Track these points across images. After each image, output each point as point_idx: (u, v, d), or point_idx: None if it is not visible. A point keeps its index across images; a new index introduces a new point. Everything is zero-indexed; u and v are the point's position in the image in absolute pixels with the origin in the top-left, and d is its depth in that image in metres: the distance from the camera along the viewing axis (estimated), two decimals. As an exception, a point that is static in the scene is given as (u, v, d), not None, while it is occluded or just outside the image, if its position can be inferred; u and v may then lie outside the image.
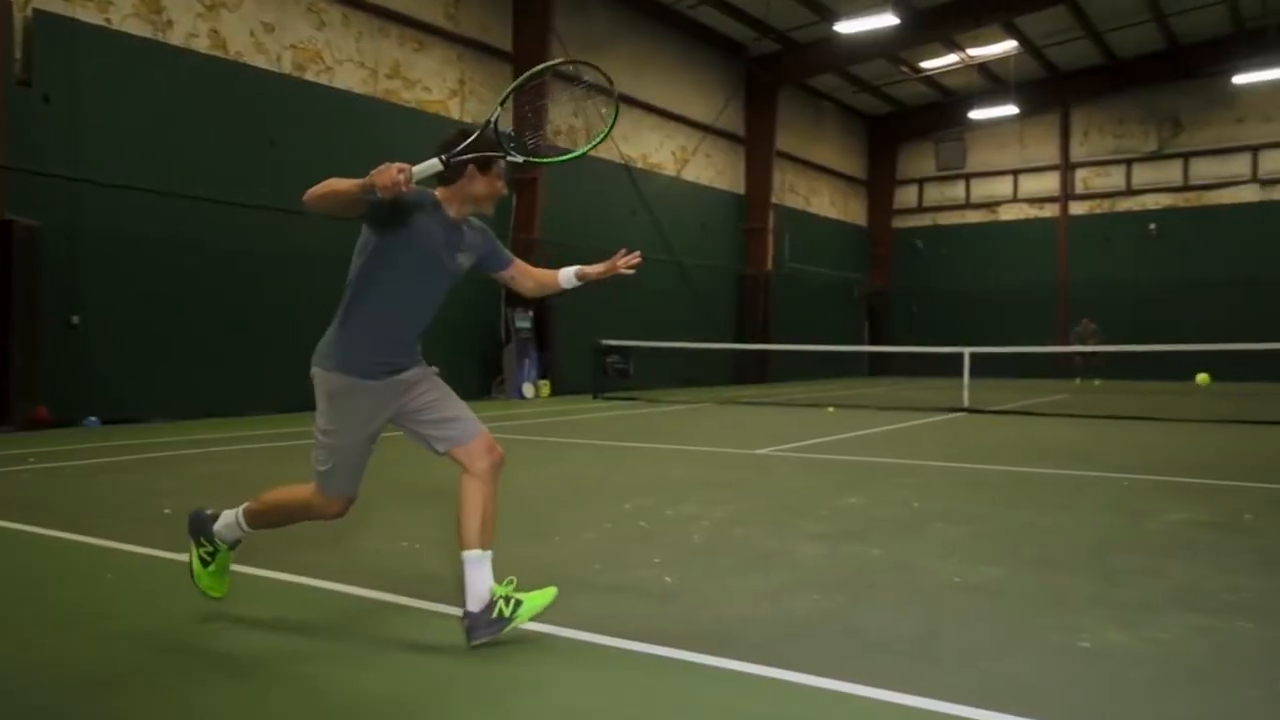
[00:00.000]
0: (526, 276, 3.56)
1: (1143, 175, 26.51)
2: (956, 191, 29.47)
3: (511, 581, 3.12)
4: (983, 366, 17.60)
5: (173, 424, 11.08)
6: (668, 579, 3.95)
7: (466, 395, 14.55)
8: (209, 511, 3.39)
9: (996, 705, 2.54)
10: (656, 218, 21.04)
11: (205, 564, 3.35)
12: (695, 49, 22.04)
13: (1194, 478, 6.97)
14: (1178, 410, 13.62)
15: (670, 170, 21.63)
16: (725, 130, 23.28)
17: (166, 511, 5.42)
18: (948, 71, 25.60)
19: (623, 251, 3.56)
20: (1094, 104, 26.96)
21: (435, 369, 3.33)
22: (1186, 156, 25.80)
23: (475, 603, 3.04)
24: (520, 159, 3.13)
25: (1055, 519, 5.34)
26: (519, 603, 3.05)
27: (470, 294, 16.26)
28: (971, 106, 25.33)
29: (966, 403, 14.17)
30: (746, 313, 23.71)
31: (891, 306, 29.95)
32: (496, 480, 3.26)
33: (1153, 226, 26.02)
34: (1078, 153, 27.42)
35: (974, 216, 29.19)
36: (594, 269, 3.56)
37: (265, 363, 12.78)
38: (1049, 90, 26.39)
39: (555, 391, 17.16)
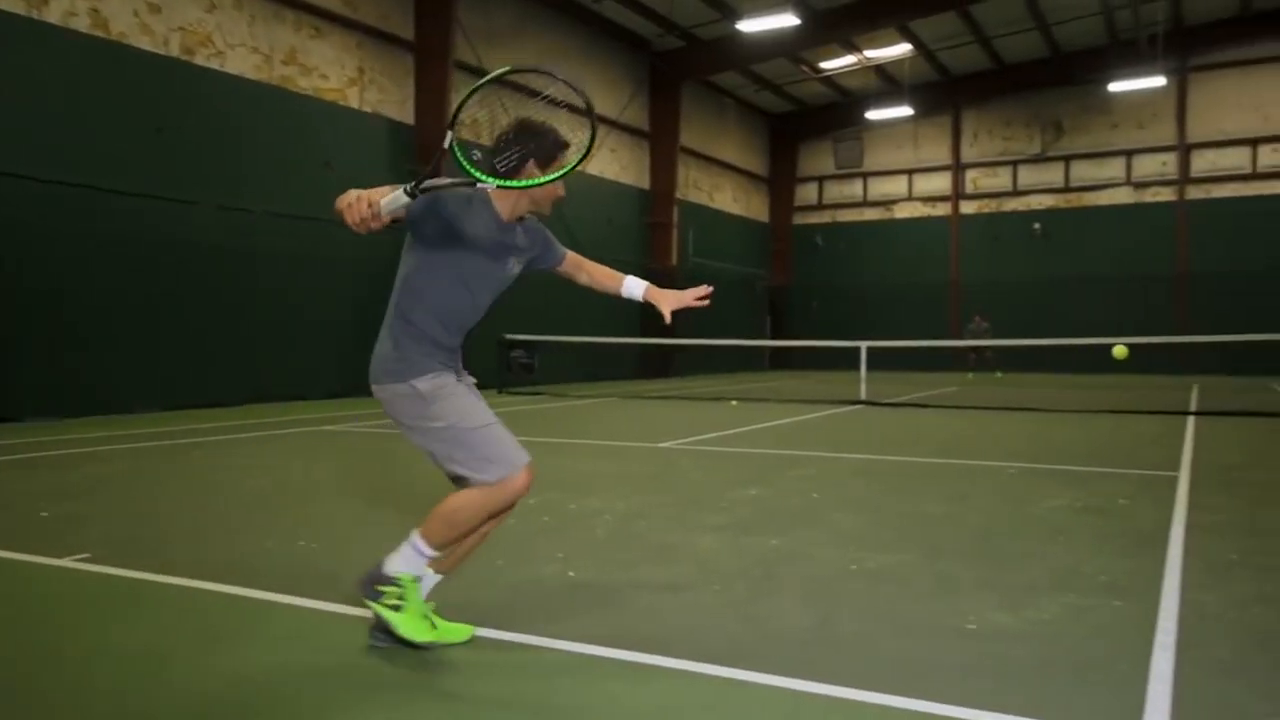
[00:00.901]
0: (580, 270, 3.43)
1: (1028, 176, 27.70)
2: (855, 189, 30.24)
3: (431, 605, 2.99)
4: (879, 360, 18.14)
5: (55, 422, 10.52)
6: (571, 573, 3.96)
7: (361, 392, 14.10)
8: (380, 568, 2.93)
9: (888, 688, 2.63)
10: (561, 212, 20.99)
11: (398, 609, 2.85)
12: (600, 43, 22.04)
13: (1073, 465, 7.33)
14: (1059, 402, 14.28)
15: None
16: (630, 125, 23.36)
17: (44, 514, 5.15)
18: (846, 72, 26.23)
19: (704, 288, 3.49)
20: (983, 107, 28.02)
21: (473, 380, 3.12)
22: (1068, 159, 27.07)
23: (387, 565, 2.87)
24: (492, 184, 2.74)
25: (946, 507, 5.54)
26: (398, 607, 2.85)
27: (378, 286, 15.91)
28: (869, 107, 26.05)
29: (864, 395, 14.57)
30: (649, 307, 23.76)
31: (792, 301, 30.56)
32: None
33: (1037, 226, 27.21)
34: (968, 154, 28.46)
35: (871, 214, 30.00)
36: (667, 295, 3.50)
37: (157, 356, 12.27)
38: (941, 93, 27.30)
39: (459, 386, 16.95)
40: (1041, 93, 26.92)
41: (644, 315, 23.81)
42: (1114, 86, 23.40)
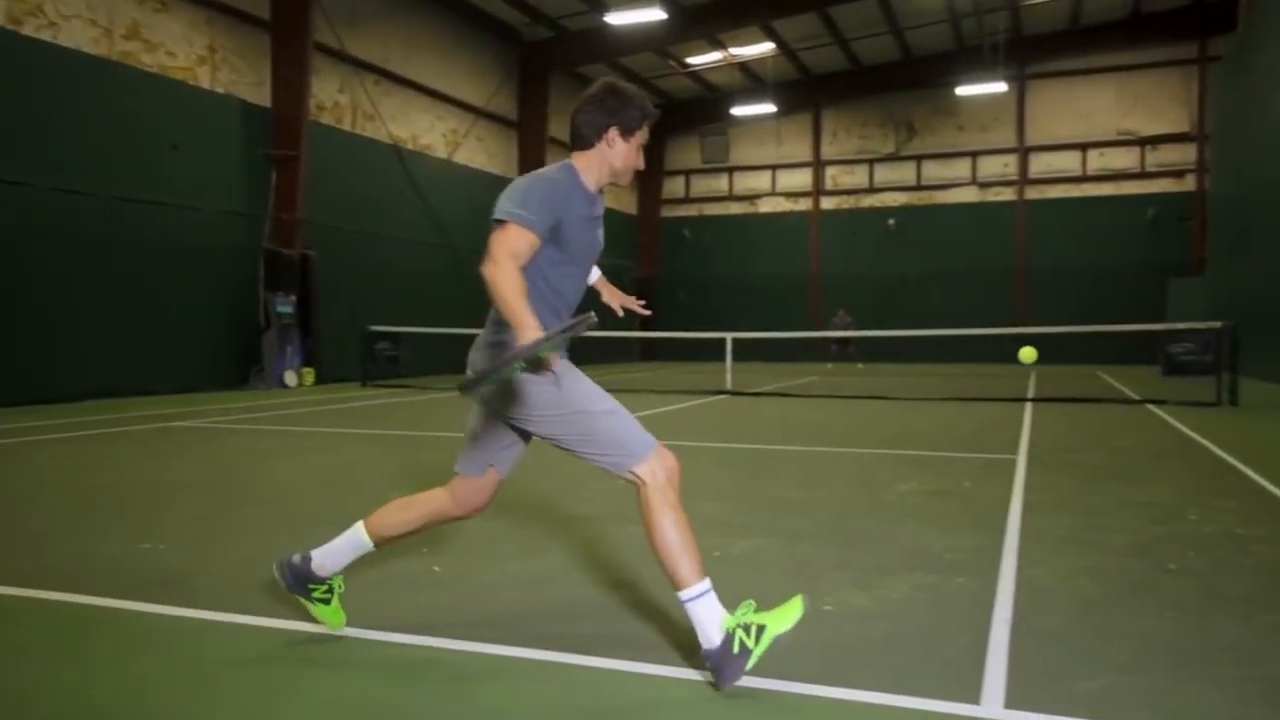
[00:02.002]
0: None
1: (883, 175, 28.91)
2: (720, 184, 30.83)
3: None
4: (745, 351, 18.59)
5: None
6: (436, 568, 3.91)
7: (219, 385, 13.61)
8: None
9: (750, 671, 2.71)
10: (428, 201, 20.57)
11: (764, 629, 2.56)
12: (467, 31, 21.69)
13: (922, 450, 7.72)
14: (911, 390, 14.99)
15: (442, 153, 21.19)
16: (498, 114, 23.11)
17: None
18: (712, 68, 26.69)
19: (639, 303, 3.46)
20: (842, 106, 29.05)
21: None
22: (919, 159, 28.39)
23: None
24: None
25: (805, 492, 5.75)
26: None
27: (227, 274, 15.21)
28: (734, 103, 26.60)
29: (729, 385, 14.91)
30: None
31: (660, 293, 30.91)
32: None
33: (891, 222, 28.44)
34: (828, 151, 29.45)
35: (736, 208, 30.67)
36: (615, 291, 3.48)
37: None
38: (803, 92, 28.14)
39: (320, 380, 16.41)
40: (895, 94, 28.12)
41: (513, 307, 23.62)
42: (960, 90, 24.73)
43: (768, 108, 25.85)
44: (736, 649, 2.50)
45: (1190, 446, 7.86)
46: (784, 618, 2.56)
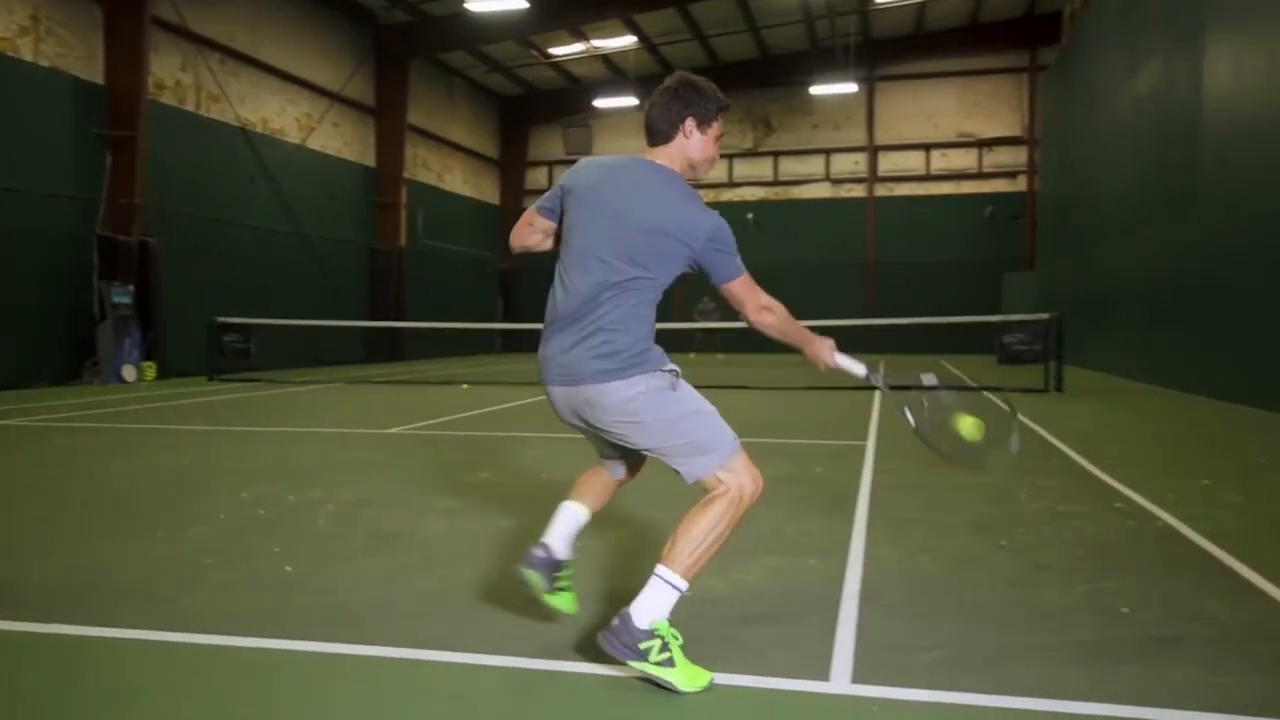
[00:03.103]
0: None
1: (742, 170, 29.60)
2: (584, 175, 30.84)
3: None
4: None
5: None
6: (289, 568, 3.79)
7: (49, 381, 12.71)
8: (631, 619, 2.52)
9: (610, 658, 2.75)
10: (279, 187, 19.74)
11: (672, 666, 2.50)
12: (320, 11, 20.91)
13: (778, 438, 7.98)
14: (768, 380, 15.43)
15: (294, 137, 20.37)
16: (354, 99, 22.38)
17: None
18: (575, 59, 26.65)
19: None
20: (703, 102, 29.49)
21: None
22: (776, 155, 29.21)
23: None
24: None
25: (667, 482, 5.81)
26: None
27: (56, 262, 14.18)
28: (597, 95, 26.65)
29: (593, 377, 14.93)
30: (378, 289, 23.07)
31: (525, 284, 30.70)
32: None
33: (750, 216, 29.15)
34: (689, 146, 29.88)
35: (600, 200, 30.75)
36: None
37: None
38: (665, 86, 28.44)
39: (162, 374, 15.53)
40: (753, 92, 28.80)
41: (370, 296, 22.98)
42: (814, 90, 25.60)
43: (630, 101, 26.01)
44: (643, 644, 2.49)
45: (1023, 431, 8.42)
46: (691, 676, 2.52)
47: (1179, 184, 12.62)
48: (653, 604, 2.52)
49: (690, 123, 2.74)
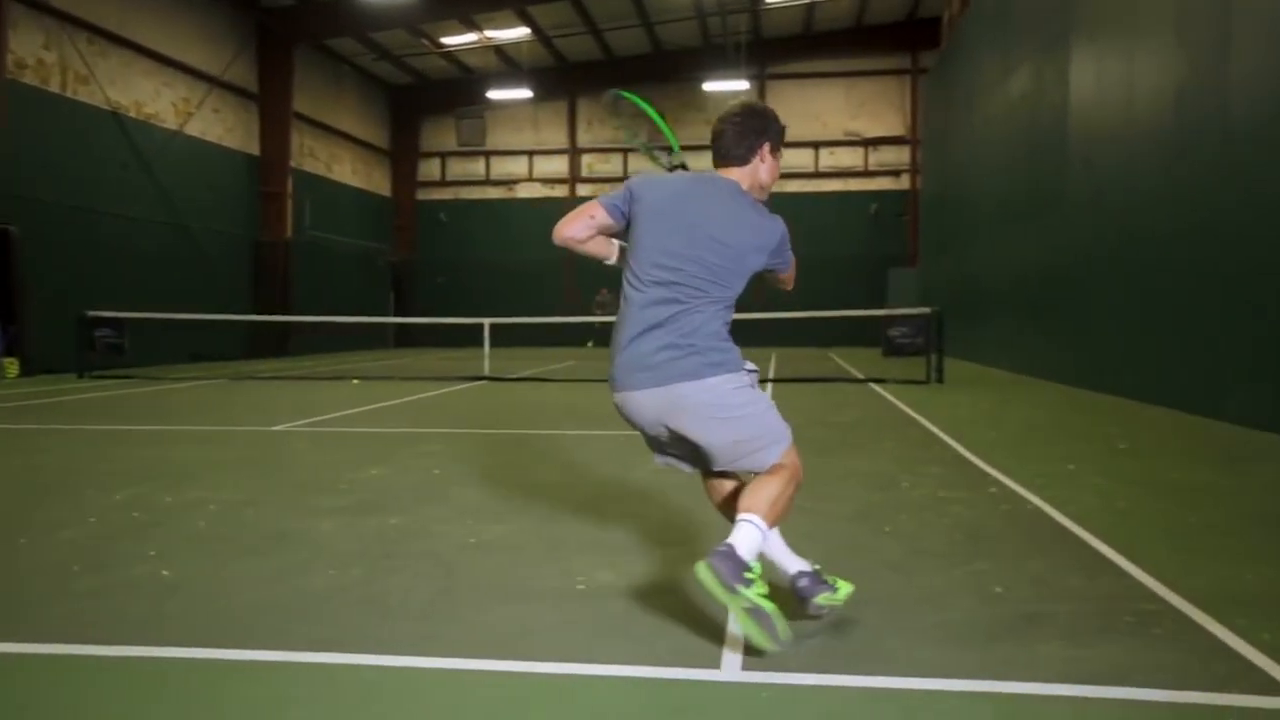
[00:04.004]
0: None
1: (637, 164, 29.70)
2: (478, 167, 30.50)
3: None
4: (503, 336, 18.53)
5: None
6: (165, 572, 3.63)
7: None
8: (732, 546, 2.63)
9: (501, 653, 2.75)
10: (155, 175, 18.85)
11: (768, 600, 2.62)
12: (197, -9, 20.05)
13: (674, 431, 8.06)
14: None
15: (171, 123, 19.49)
16: (235, 85, 21.56)
17: None
18: (467, 50, 26.29)
19: None
20: (596, 95, 29.53)
21: None
22: (667, 150, 29.43)
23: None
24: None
25: (560, 475, 5.85)
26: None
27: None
28: (490, 86, 26.36)
29: (487, 371, 14.84)
30: (263, 282, 22.30)
31: (417, 277, 30.17)
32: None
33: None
34: (583, 139, 29.90)
35: (494, 193, 30.47)
36: None
37: None
38: (558, 78, 28.37)
39: (26, 371, 14.66)
40: (647, 87, 28.92)
41: (255, 289, 22.17)
42: (707, 86, 25.91)
43: (524, 93, 25.85)
44: (746, 574, 2.59)
45: (905, 421, 8.73)
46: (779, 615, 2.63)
47: (1048, 183, 13.29)
48: (750, 541, 2.65)
49: (765, 148, 2.94)
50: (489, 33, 25.00)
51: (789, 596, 2.98)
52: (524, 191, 30.34)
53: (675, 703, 2.44)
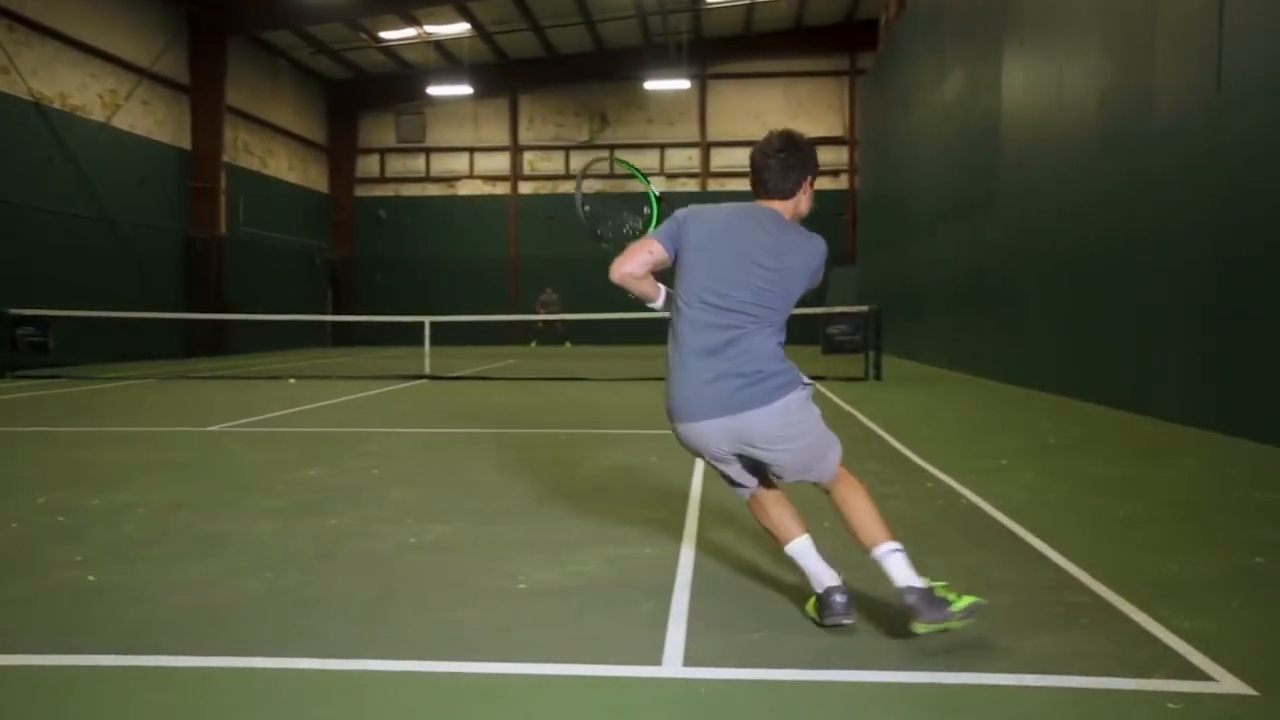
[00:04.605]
0: None
1: (579, 162, 29.65)
2: (418, 164, 30.13)
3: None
4: (445, 335, 18.35)
5: None
6: (91, 577, 3.52)
7: None
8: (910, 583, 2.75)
9: (441, 654, 2.73)
10: (81, 169, 18.25)
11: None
12: (124, -21, 19.46)
13: (615, 429, 8.08)
14: (608, 371, 15.58)
15: (98, 115, 18.89)
16: (166, 77, 20.98)
17: None
18: (407, 45, 25.96)
19: None
20: (538, 93, 29.42)
21: None
22: (612, 148, 29.44)
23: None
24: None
25: (501, 475, 5.81)
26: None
27: None
28: (430, 82, 26.05)
29: (428, 370, 14.68)
30: (196, 279, 21.74)
31: (356, 275, 29.71)
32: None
33: (587, 209, 29.21)
34: (525, 136, 29.73)
35: (435, 190, 30.13)
36: None
37: None
38: (500, 75, 28.16)
39: (-57, 372, 14.10)
40: (590, 85, 28.93)
41: (187, 286, 21.61)
42: (649, 85, 25.97)
43: (464, 89, 25.60)
44: (938, 595, 2.71)
45: (845, 417, 8.85)
46: (965, 599, 2.73)
47: (981, 184, 13.59)
48: (905, 567, 2.79)
49: (808, 181, 3.04)
50: (429, 28, 24.70)
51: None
52: (465, 189, 30.06)
53: (617, 701, 2.44)
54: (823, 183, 28.40)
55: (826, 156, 28.85)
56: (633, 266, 2.95)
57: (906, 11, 19.89)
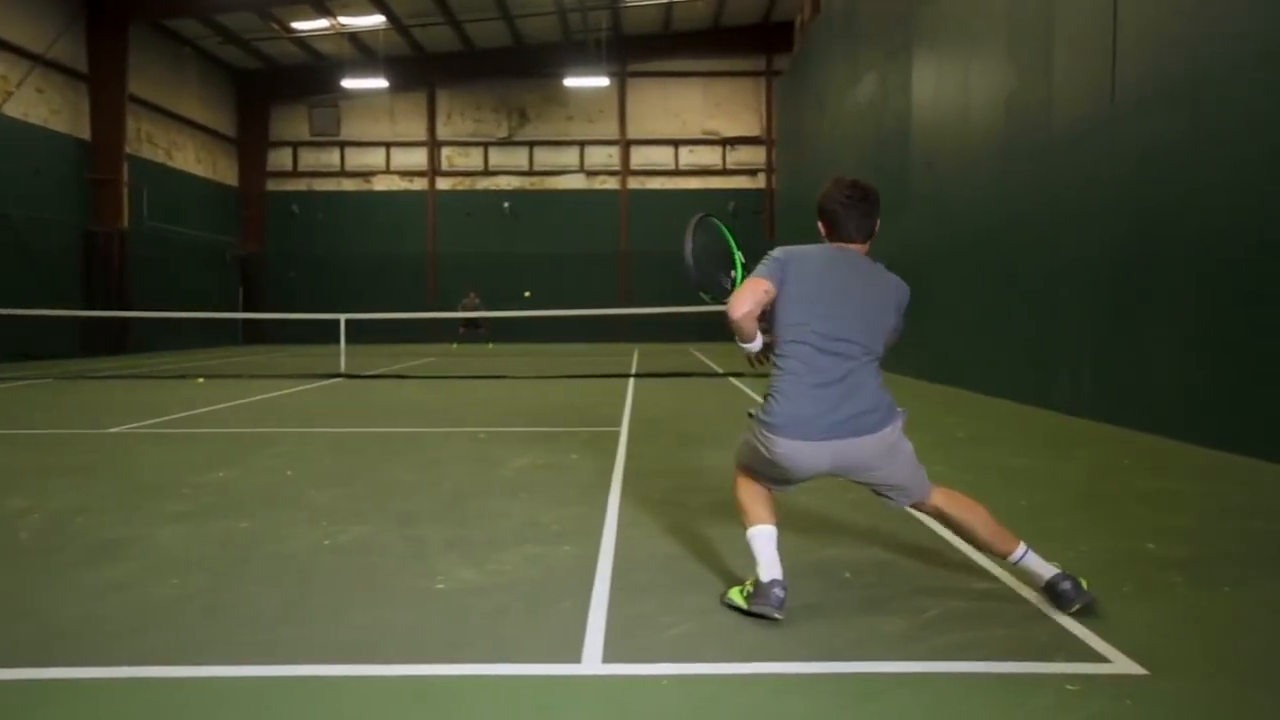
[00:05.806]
0: None
1: (497, 158, 29.43)
2: (332, 158, 29.48)
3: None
4: (361, 332, 18.00)
5: None
6: (-16, 589, 3.37)
7: None
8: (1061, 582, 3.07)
9: (356, 657, 2.68)
10: (-32, 158, 17.35)
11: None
12: (16, -40, 18.56)
13: (534, 427, 8.04)
14: (527, 369, 15.49)
15: (-14, 102, 17.98)
16: (62, 64, 20.08)
17: None
18: (320, 35, 25.37)
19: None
20: (456, 88, 29.06)
21: None
22: (532, 145, 29.30)
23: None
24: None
25: (419, 475, 5.74)
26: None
27: None
28: (344, 75, 25.49)
29: (343, 368, 14.38)
30: (96, 275, 20.88)
31: (268, 271, 28.92)
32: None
33: (507, 205, 29.06)
34: (443, 132, 29.34)
35: (349, 184, 29.52)
36: None
37: None
38: (417, 69, 27.72)
39: None
40: (508, 80, 28.71)
41: (87, 282, 20.74)
42: (569, 82, 25.89)
43: (380, 82, 25.11)
44: (1082, 582, 3.07)
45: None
46: (1083, 580, 3.09)
47: (893, 185, 13.92)
48: (1042, 564, 3.15)
49: (878, 223, 3.29)
50: (342, 19, 24.17)
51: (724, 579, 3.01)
52: (381, 184, 29.52)
53: (538, 700, 2.44)
54: (741, 181, 29.05)
55: (744, 156, 29.23)
56: (749, 305, 3.13)
57: (821, 14, 20.25)
